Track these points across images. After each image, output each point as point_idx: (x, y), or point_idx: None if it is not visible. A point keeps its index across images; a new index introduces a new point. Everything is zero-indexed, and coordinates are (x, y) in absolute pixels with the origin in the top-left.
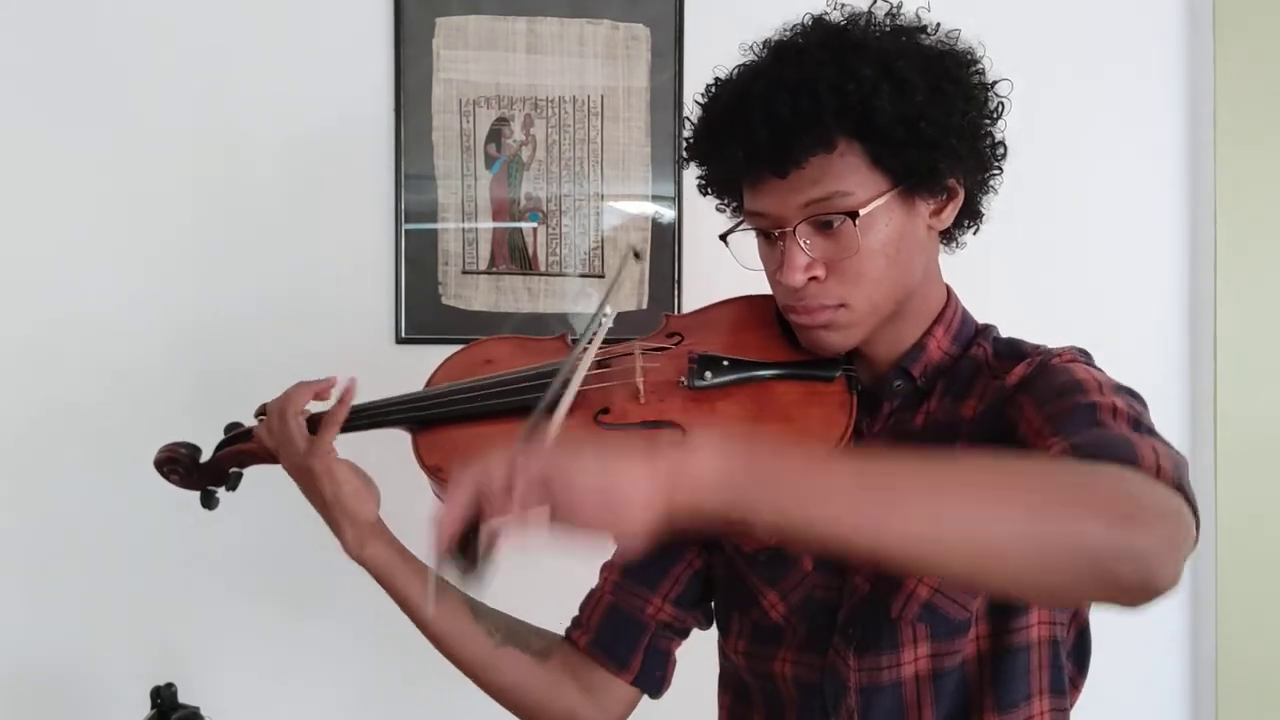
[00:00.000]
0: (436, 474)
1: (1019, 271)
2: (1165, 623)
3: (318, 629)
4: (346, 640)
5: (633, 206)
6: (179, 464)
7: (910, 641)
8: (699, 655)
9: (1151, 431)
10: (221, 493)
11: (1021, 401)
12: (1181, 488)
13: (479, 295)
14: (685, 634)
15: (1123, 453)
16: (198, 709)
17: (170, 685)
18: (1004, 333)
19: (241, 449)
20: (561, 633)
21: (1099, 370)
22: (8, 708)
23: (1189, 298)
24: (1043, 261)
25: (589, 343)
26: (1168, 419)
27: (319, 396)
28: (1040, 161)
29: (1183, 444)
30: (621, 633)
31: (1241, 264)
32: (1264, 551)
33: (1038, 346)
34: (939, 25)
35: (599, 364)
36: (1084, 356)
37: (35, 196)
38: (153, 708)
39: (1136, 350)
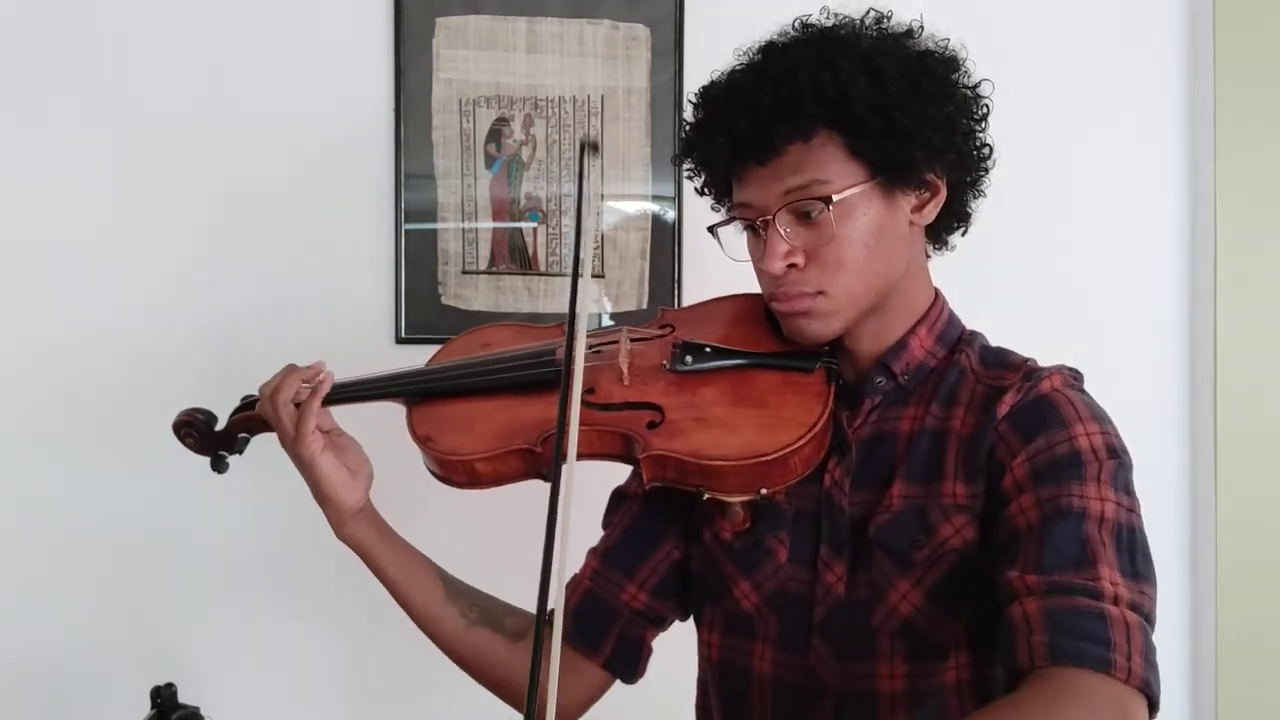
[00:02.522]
0: (426, 443)
1: (1019, 272)
2: (1165, 622)
3: (318, 629)
4: (346, 640)
5: (633, 206)
6: (195, 428)
7: (887, 655)
8: (688, 651)
9: (1132, 549)
10: (232, 459)
11: (1013, 446)
12: (1148, 686)
13: (479, 295)
14: (661, 623)
15: (1094, 649)
16: (198, 709)
17: (170, 685)
18: (1006, 334)
19: (249, 416)
20: None
21: (1091, 415)
22: (8, 707)
23: (1189, 298)
24: (1043, 262)
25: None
26: (1168, 421)
27: (308, 383)
28: (1040, 162)
29: (1183, 445)
30: (594, 617)
31: (1241, 264)
32: (1264, 551)
33: (1026, 360)
34: (923, 28)
35: (587, 348)
36: (1075, 380)
37: (36, 204)
38: (153, 708)
39: (1135, 351)
